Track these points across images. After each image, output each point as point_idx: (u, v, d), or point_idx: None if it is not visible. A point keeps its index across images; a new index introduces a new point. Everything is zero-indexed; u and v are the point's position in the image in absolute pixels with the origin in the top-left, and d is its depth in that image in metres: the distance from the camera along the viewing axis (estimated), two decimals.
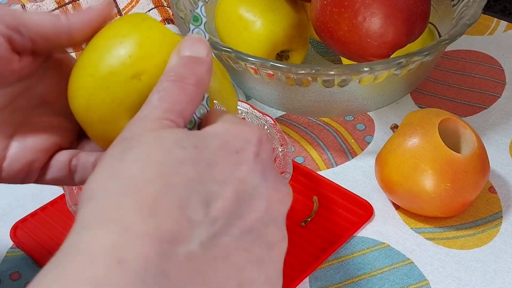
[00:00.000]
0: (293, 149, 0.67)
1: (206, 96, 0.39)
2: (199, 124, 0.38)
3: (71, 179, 0.44)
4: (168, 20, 0.77)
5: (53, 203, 0.63)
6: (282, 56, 0.69)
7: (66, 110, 0.43)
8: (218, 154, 0.34)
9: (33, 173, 0.43)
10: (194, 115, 0.38)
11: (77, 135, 0.46)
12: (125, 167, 0.32)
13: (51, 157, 0.44)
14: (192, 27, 0.40)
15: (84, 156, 0.44)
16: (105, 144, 0.41)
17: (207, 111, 0.39)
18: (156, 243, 0.29)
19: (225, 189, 0.33)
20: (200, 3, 0.41)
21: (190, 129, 0.38)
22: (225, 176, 0.33)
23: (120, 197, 0.31)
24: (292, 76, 0.62)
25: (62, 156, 0.44)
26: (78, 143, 0.46)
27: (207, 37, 0.40)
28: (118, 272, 0.28)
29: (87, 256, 0.28)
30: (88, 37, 0.42)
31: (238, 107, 0.59)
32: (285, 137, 0.56)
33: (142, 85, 0.39)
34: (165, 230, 0.30)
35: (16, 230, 0.60)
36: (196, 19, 0.40)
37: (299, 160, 0.66)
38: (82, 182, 0.43)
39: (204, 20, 0.40)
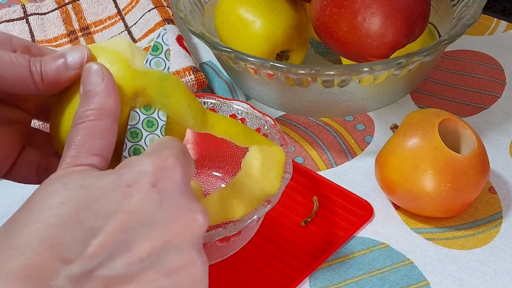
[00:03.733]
0: (293, 149, 0.67)
1: (160, 124, 0.40)
2: None
3: (36, 180, 0.45)
4: (168, 20, 0.77)
5: None
6: (282, 56, 0.69)
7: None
8: (106, 189, 0.34)
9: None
10: (145, 145, 0.39)
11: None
12: (15, 215, 0.34)
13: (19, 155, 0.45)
14: (150, 57, 0.40)
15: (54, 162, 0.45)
16: None
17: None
18: (22, 279, 0.31)
19: (108, 224, 0.33)
20: (163, 31, 0.41)
21: None
22: (109, 210, 0.34)
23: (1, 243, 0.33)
24: (292, 76, 0.62)
25: (31, 156, 0.45)
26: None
27: (168, 65, 0.40)
28: None
29: None
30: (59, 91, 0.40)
31: (238, 107, 0.59)
32: (285, 137, 0.56)
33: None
34: (32, 268, 0.32)
35: None
36: (155, 48, 0.40)
37: (299, 160, 0.66)
38: None
39: (165, 48, 0.40)
